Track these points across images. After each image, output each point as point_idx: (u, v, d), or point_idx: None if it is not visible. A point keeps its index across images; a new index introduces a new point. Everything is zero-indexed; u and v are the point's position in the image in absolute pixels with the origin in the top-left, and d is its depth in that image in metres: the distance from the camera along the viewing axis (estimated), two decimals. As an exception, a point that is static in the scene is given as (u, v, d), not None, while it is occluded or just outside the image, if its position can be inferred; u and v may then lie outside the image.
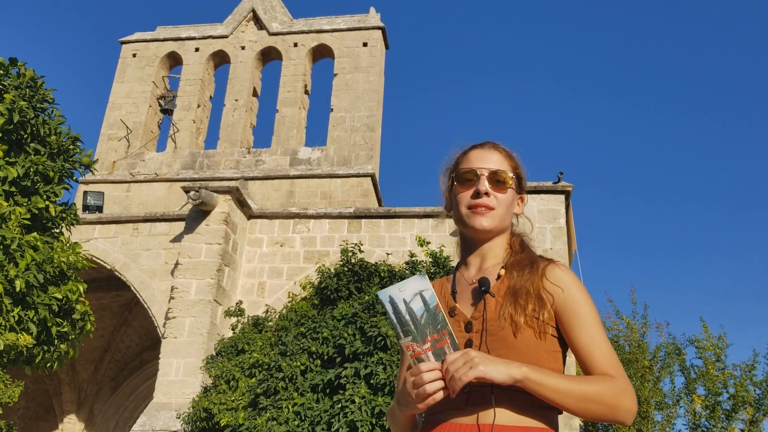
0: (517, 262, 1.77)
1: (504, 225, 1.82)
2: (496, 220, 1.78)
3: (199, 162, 16.06)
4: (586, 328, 1.65)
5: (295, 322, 10.33)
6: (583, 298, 1.68)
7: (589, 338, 1.64)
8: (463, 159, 1.85)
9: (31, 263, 5.89)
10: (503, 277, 1.74)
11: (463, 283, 1.80)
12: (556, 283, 1.69)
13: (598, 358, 1.62)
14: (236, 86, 16.90)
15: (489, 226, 1.77)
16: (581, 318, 1.66)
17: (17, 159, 6.28)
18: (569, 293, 1.68)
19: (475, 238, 1.81)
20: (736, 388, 12.58)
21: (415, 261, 10.29)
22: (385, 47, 17.36)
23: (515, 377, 1.48)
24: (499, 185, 1.79)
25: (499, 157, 1.82)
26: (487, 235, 1.79)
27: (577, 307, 1.67)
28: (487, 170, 1.79)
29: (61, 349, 6.48)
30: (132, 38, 17.87)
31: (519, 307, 1.63)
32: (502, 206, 1.79)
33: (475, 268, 1.81)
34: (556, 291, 1.68)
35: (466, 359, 1.48)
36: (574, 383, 1.54)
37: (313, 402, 8.05)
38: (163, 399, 10.34)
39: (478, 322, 1.66)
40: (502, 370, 1.48)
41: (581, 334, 1.64)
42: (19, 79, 6.67)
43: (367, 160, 15.40)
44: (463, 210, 1.79)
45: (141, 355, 15.95)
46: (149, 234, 12.41)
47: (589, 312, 1.67)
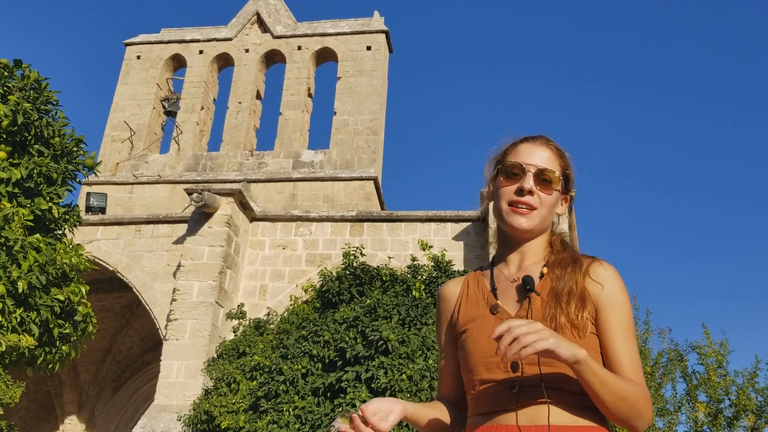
0: (559, 260, 1.71)
1: (545, 226, 1.75)
2: (536, 220, 1.70)
3: (202, 164, 16.09)
4: (618, 331, 1.61)
5: (296, 325, 10.33)
6: (621, 299, 1.64)
7: (620, 341, 1.60)
8: (512, 150, 1.77)
9: (34, 265, 5.90)
10: (546, 275, 1.68)
11: (503, 281, 1.74)
12: (598, 281, 1.65)
13: (625, 364, 1.58)
14: (240, 89, 16.94)
15: (528, 227, 1.70)
16: (616, 319, 1.62)
17: (21, 160, 6.30)
18: (609, 291, 1.64)
19: (514, 235, 1.75)
20: (738, 395, 12.53)
21: (417, 265, 10.29)
22: (388, 51, 17.39)
23: (578, 357, 1.43)
24: (545, 185, 1.70)
25: (550, 155, 1.74)
26: (527, 234, 1.73)
27: (614, 307, 1.63)
28: (534, 167, 1.70)
29: (63, 350, 6.49)
30: (136, 40, 17.93)
31: (560, 307, 1.59)
32: (545, 207, 1.71)
33: (515, 265, 1.75)
34: (596, 288, 1.63)
35: (534, 329, 1.40)
36: (617, 380, 1.50)
37: (314, 405, 8.06)
38: (164, 401, 10.34)
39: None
40: (569, 348, 1.42)
41: (613, 335, 1.61)
42: (23, 80, 6.69)
43: (369, 163, 15.41)
44: (504, 205, 1.71)
45: (142, 357, 15.96)
46: (152, 236, 12.44)
47: (624, 314, 1.63)
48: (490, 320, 1.66)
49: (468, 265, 11.37)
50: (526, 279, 1.64)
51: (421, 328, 8.46)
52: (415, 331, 8.36)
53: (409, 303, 8.91)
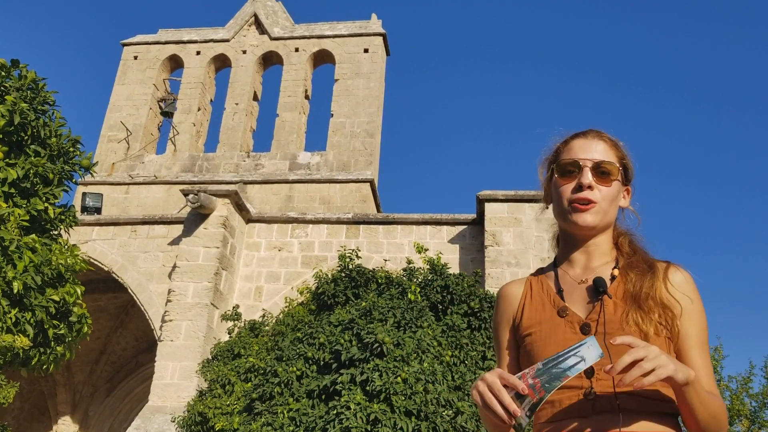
0: (632, 264, 1.66)
1: (609, 220, 1.69)
2: (600, 215, 1.65)
3: (199, 165, 16.08)
4: (697, 342, 1.58)
5: (291, 327, 10.33)
6: (699, 307, 1.62)
7: (698, 353, 1.57)
8: (564, 149, 1.73)
9: (29, 265, 5.89)
10: (618, 278, 1.63)
11: (569, 282, 1.69)
12: (682, 291, 1.61)
13: (704, 376, 1.55)
14: (237, 90, 16.93)
15: (593, 222, 1.65)
16: (694, 329, 1.59)
17: (17, 161, 6.29)
18: (688, 299, 1.60)
19: (578, 234, 1.69)
20: (732, 400, 12.58)
21: (412, 267, 10.30)
22: (386, 53, 17.42)
23: (690, 379, 1.39)
24: (604, 177, 1.66)
25: (604, 147, 1.70)
26: (591, 231, 1.67)
27: (693, 315, 1.60)
28: (590, 161, 1.66)
29: (58, 351, 6.48)
30: (133, 40, 17.91)
31: (645, 314, 1.54)
32: (607, 200, 1.66)
33: (580, 266, 1.70)
34: (683, 301, 1.60)
35: (653, 353, 1.35)
36: (710, 398, 1.48)
37: (308, 408, 8.05)
38: (159, 402, 10.33)
39: (595, 324, 1.56)
40: (683, 370, 1.38)
41: (692, 346, 1.57)
42: (20, 80, 6.68)
43: (366, 165, 15.43)
44: (565, 204, 1.67)
45: (137, 358, 15.93)
46: (147, 236, 12.42)
47: (702, 323, 1.61)
48: (558, 323, 1.62)
49: (463, 268, 11.38)
50: (598, 281, 1.60)
51: (417, 330, 8.47)
52: (410, 334, 8.37)
53: (404, 306, 8.92)
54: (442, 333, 8.78)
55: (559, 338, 1.59)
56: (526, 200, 11.22)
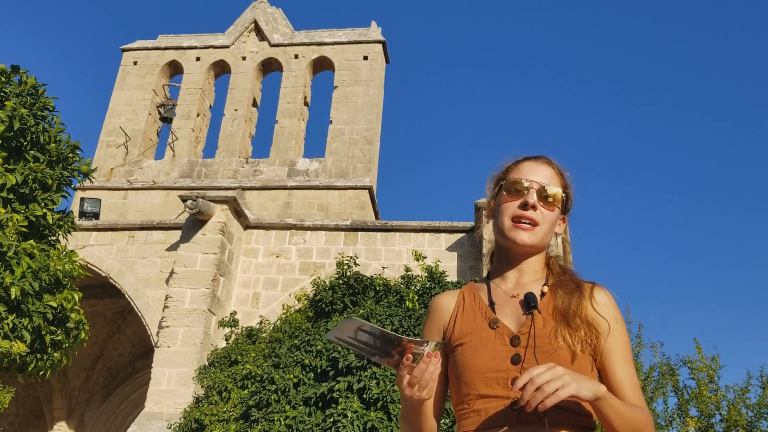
0: (562, 282, 1.73)
1: (545, 242, 1.76)
2: (538, 236, 1.73)
3: (197, 171, 16.08)
4: (621, 356, 1.65)
5: (289, 334, 10.32)
6: (621, 324, 1.69)
7: (623, 366, 1.64)
8: (514, 168, 1.80)
9: (27, 271, 5.88)
10: (547, 295, 1.70)
11: (500, 296, 1.74)
12: (606, 310, 1.68)
13: (631, 389, 1.62)
14: (236, 96, 16.95)
15: (530, 242, 1.72)
16: (620, 349, 1.66)
17: (16, 166, 6.29)
18: (611, 317, 1.67)
19: (514, 251, 1.76)
20: (729, 410, 12.54)
21: (410, 275, 10.30)
22: (385, 61, 17.46)
23: (599, 395, 1.45)
24: (548, 201, 1.73)
25: (552, 173, 1.77)
26: (529, 249, 1.74)
27: (619, 337, 1.67)
28: (537, 184, 1.74)
29: (55, 357, 6.46)
30: (133, 46, 17.93)
31: (573, 331, 1.60)
32: (547, 223, 1.74)
33: (512, 281, 1.76)
34: (609, 319, 1.67)
35: (555, 375, 1.40)
36: (630, 410, 1.53)
37: (305, 415, 8.04)
38: (155, 408, 10.29)
39: (525, 337, 1.61)
40: (591, 388, 1.44)
41: (618, 365, 1.64)
42: (20, 86, 6.69)
43: (365, 172, 15.44)
44: (507, 221, 1.73)
45: (133, 364, 15.88)
46: (145, 242, 12.41)
47: (624, 339, 1.68)
48: (489, 334, 1.66)
49: (461, 276, 11.38)
50: (529, 296, 1.65)
51: (414, 339, 8.46)
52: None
53: (402, 314, 8.92)
54: (440, 341, 8.77)
55: (489, 349, 1.64)
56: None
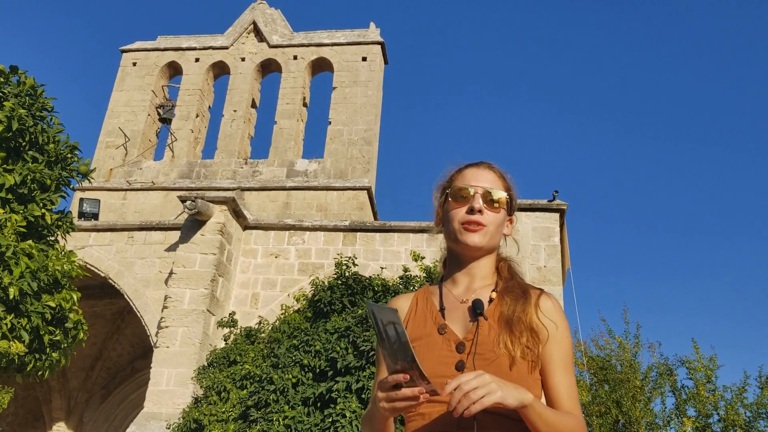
0: (509, 289, 1.77)
1: (493, 244, 1.82)
2: (487, 237, 1.78)
3: (196, 171, 16.09)
4: (561, 365, 1.68)
5: (287, 334, 10.33)
6: (565, 333, 1.72)
7: (561, 375, 1.68)
8: (458, 176, 1.86)
9: (26, 271, 5.89)
10: (495, 301, 1.74)
11: (451, 301, 1.78)
12: (550, 318, 1.72)
13: (567, 397, 1.66)
14: (235, 97, 16.97)
15: (480, 243, 1.77)
16: (562, 358, 1.70)
17: (15, 166, 6.31)
18: (560, 330, 1.71)
19: (464, 255, 1.81)
20: (726, 410, 12.57)
21: (409, 276, 10.31)
22: (384, 62, 17.47)
23: (525, 403, 1.49)
24: (492, 204, 1.79)
25: (494, 177, 1.84)
26: (478, 252, 1.80)
27: (559, 341, 1.70)
28: (481, 188, 1.80)
29: (53, 357, 6.48)
30: (132, 47, 17.95)
31: (515, 338, 1.64)
32: (494, 225, 1.79)
33: (463, 286, 1.81)
34: (550, 326, 1.70)
35: (482, 382, 1.45)
36: (559, 418, 1.57)
37: (303, 415, 8.05)
38: (154, 409, 10.30)
39: (470, 344, 1.65)
40: (516, 396, 1.48)
41: (555, 369, 1.68)
42: (19, 87, 6.71)
43: (363, 173, 15.46)
44: (456, 225, 1.79)
45: (132, 364, 15.89)
46: (144, 242, 12.42)
47: (566, 347, 1.71)
48: (437, 339, 1.70)
49: (460, 276, 11.37)
50: (476, 303, 1.70)
51: (412, 339, 8.47)
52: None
53: (400, 314, 8.92)
54: (438, 341, 8.78)
55: (435, 354, 1.68)
56: (523, 209, 11.24)
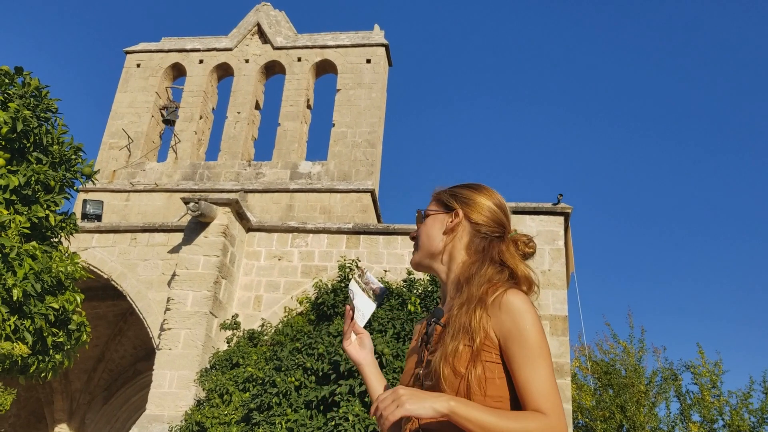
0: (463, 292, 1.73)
1: (432, 249, 1.86)
2: (420, 252, 1.89)
3: (200, 173, 16.08)
4: (524, 361, 1.58)
5: (290, 337, 10.30)
6: (530, 329, 1.60)
7: (526, 371, 1.57)
8: None
9: (29, 272, 5.87)
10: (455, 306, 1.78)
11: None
12: (506, 316, 1.62)
13: (533, 393, 1.55)
14: (239, 99, 16.96)
15: (416, 260, 1.90)
16: (519, 349, 1.59)
17: (19, 168, 6.29)
18: (518, 326, 1.60)
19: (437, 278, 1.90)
20: (731, 415, 12.51)
21: (412, 279, 10.27)
22: (388, 64, 17.45)
23: (441, 411, 1.50)
24: (419, 224, 1.93)
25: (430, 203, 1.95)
26: (419, 268, 1.91)
27: (523, 340, 1.59)
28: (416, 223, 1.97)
29: (56, 359, 6.45)
30: (137, 48, 17.96)
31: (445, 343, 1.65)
32: (423, 235, 1.88)
33: (447, 306, 1.81)
34: (506, 324, 1.61)
35: (394, 397, 1.51)
36: (501, 419, 1.49)
37: (306, 419, 8.01)
38: (156, 411, 10.27)
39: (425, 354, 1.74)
40: (427, 406, 1.50)
41: (519, 366, 1.58)
42: (24, 88, 6.69)
43: (367, 175, 15.43)
44: None
45: (135, 366, 15.86)
46: (147, 244, 12.40)
47: (528, 341, 1.59)
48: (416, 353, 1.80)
49: (463, 279, 11.33)
50: (435, 311, 1.77)
51: (416, 342, 8.44)
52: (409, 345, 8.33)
53: (404, 317, 8.90)
54: (442, 345, 8.75)
55: (408, 367, 1.81)
56: (527, 212, 11.21)
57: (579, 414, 12.92)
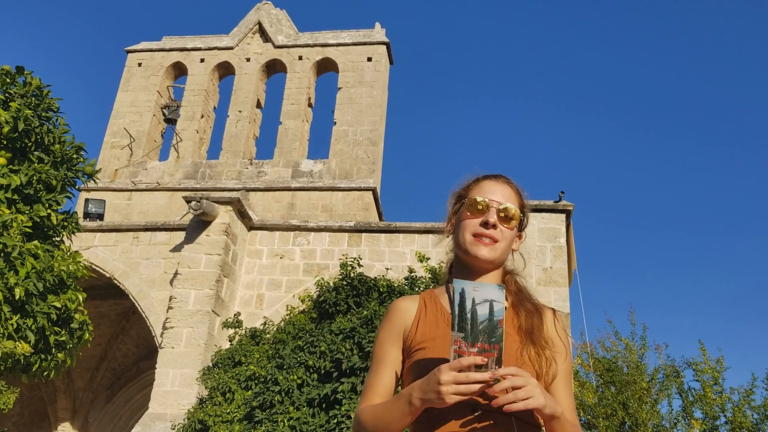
0: (521, 301, 1.83)
1: (503, 258, 1.86)
2: (498, 252, 1.81)
3: (201, 172, 16.10)
4: (565, 379, 1.76)
5: (292, 335, 10.31)
6: (569, 348, 1.81)
7: (565, 389, 1.75)
8: (475, 187, 1.88)
9: (31, 271, 5.89)
10: (509, 310, 1.77)
11: None
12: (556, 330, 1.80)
13: (570, 411, 1.72)
14: (240, 97, 16.97)
15: (491, 258, 1.80)
16: (568, 373, 1.78)
17: (21, 167, 6.30)
18: (562, 342, 1.78)
19: (473, 265, 1.83)
20: (733, 412, 12.51)
21: (414, 277, 10.28)
22: (389, 62, 17.45)
23: (556, 414, 1.56)
24: (507, 220, 1.82)
25: (510, 193, 1.86)
26: (487, 265, 1.82)
27: (568, 362, 1.78)
28: (497, 203, 1.82)
29: (59, 357, 6.47)
30: (138, 47, 17.97)
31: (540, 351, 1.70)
32: (506, 240, 1.83)
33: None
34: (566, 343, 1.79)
35: (528, 383, 1.50)
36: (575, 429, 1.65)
37: (308, 416, 8.03)
38: (159, 409, 10.30)
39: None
40: (553, 407, 1.55)
41: (564, 388, 1.75)
42: (25, 87, 6.70)
43: (368, 174, 15.43)
44: (468, 236, 1.81)
45: (137, 365, 15.90)
46: (149, 243, 12.42)
47: (569, 363, 1.79)
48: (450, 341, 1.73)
49: (465, 277, 11.34)
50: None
51: (418, 340, 8.44)
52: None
53: (405, 315, 8.89)
54: (444, 342, 8.75)
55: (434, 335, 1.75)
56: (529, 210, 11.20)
57: (581, 411, 12.93)
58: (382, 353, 1.83)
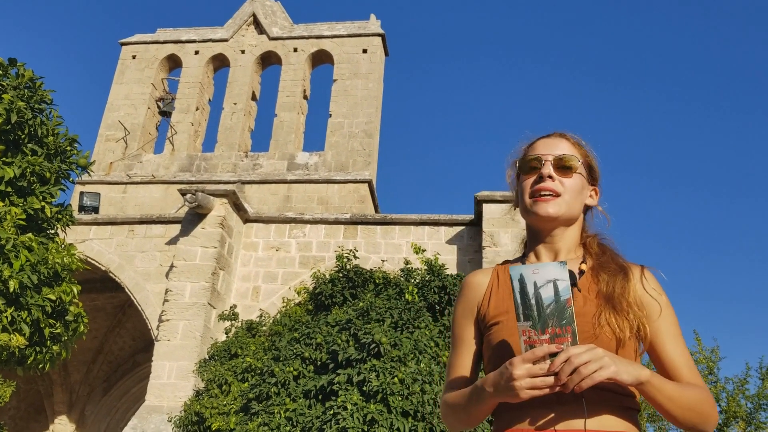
0: (603, 264, 1.67)
1: (572, 213, 1.70)
2: (562, 206, 1.66)
3: (197, 165, 16.06)
4: (672, 336, 1.62)
5: (289, 327, 10.32)
6: (671, 308, 1.66)
7: (676, 347, 1.61)
8: (530, 149, 1.77)
9: (26, 264, 5.88)
10: (587, 274, 1.64)
11: None
12: (657, 292, 1.66)
13: (684, 368, 1.59)
14: (235, 90, 16.92)
15: (554, 213, 1.66)
16: (668, 325, 1.63)
17: (14, 159, 6.28)
18: (660, 299, 1.65)
19: (541, 228, 1.71)
20: (728, 401, 12.57)
21: (410, 268, 10.28)
22: (384, 54, 17.41)
23: (641, 379, 1.41)
24: (565, 170, 1.68)
25: (567, 145, 1.74)
26: (554, 223, 1.69)
27: (670, 318, 1.64)
28: (551, 155, 1.69)
29: (54, 350, 6.47)
30: (132, 40, 17.89)
31: (619, 316, 1.54)
32: (569, 192, 1.68)
33: (548, 260, 1.71)
34: (660, 299, 1.65)
35: (594, 356, 1.36)
36: (682, 390, 1.50)
37: (305, 408, 8.04)
38: (155, 402, 10.31)
39: None
40: (631, 372, 1.40)
41: (668, 341, 1.62)
42: (17, 79, 6.67)
43: (364, 166, 15.42)
44: (527, 198, 1.69)
45: (134, 357, 15.91)
46: (145, 236, 12.40)
47: (674, 318, 1.65)
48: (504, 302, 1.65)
49: (461, 269, 11.38)
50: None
51: (414, 331, 8.46)
52: (407, 335, 8.36)
53: (401, 306, 8.91)
54: (440, 333, 8.78)
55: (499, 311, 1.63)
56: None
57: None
58: (458, 332, 1.75)
